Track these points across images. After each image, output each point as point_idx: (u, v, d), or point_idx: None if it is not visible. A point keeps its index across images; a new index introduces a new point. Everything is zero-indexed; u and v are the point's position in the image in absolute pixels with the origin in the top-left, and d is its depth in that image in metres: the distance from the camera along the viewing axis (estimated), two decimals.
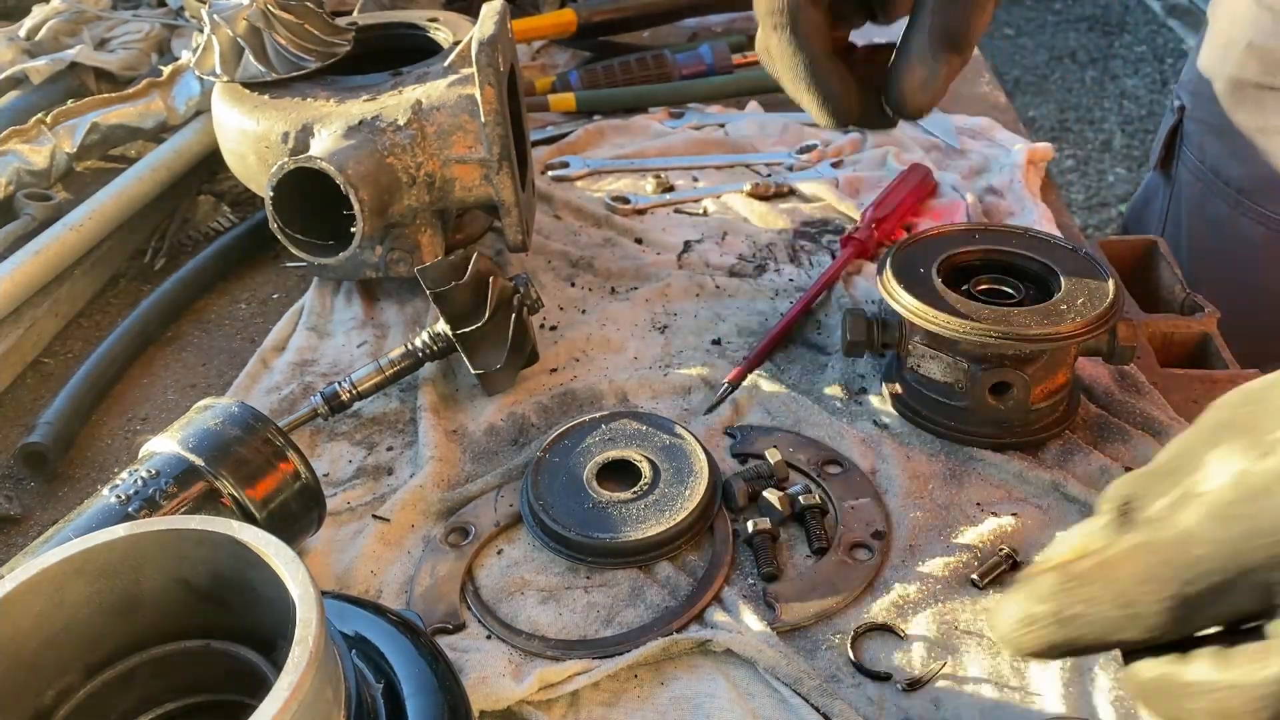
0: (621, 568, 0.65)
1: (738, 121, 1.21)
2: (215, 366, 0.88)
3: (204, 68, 0.88)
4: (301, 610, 0.35)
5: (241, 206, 1.10)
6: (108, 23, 1.40)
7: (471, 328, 0.75)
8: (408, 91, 0.83)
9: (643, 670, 0.60)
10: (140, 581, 0.40)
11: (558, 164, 1.13)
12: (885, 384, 0.77)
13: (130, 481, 0.57)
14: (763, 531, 0.66)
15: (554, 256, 0.97)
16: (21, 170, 1.03)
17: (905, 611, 0.62)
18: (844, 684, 0.58)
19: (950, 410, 0.73)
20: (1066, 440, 0.72)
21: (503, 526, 0.69)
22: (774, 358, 0.83)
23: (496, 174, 0.83)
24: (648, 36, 1.47)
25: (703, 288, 0.92)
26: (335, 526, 0.70)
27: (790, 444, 0.74)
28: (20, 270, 0.88)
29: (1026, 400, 0.70)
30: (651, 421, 0.73)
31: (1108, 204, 3.61)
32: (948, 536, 0.66)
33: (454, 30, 0.96)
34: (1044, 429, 0.72)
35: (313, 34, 0.89)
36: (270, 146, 0.84)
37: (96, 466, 0.78)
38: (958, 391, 0.72)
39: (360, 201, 0.77)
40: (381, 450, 0.77)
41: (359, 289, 0.94)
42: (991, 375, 0.69)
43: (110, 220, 0.98)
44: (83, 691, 0.40)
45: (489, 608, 0.64)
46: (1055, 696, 0.56)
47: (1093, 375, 0.78)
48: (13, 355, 0.86)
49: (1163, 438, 0.72)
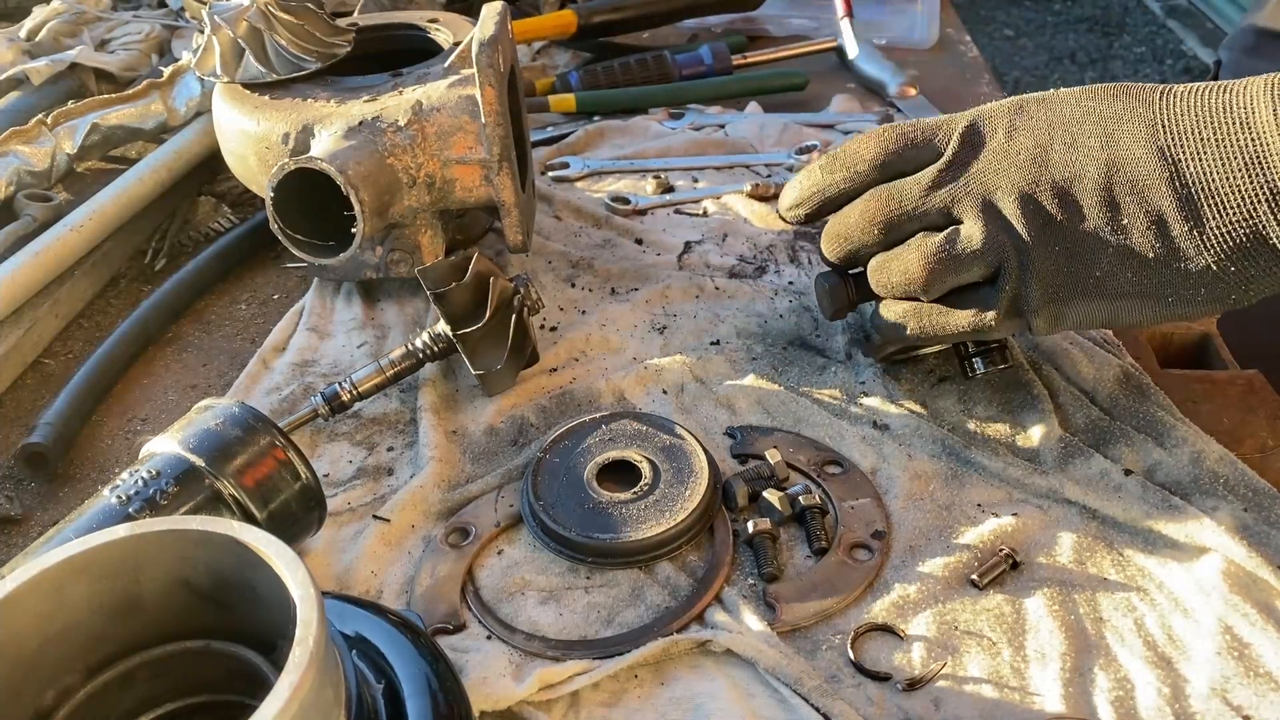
0: (622, 568, 0.65)
1: (737, 122, 1.21)
2: (215, 367, 0.88)
3: (204, 69, 0.88)
4: (302, 611, 0.35)
5: (242, 207, 1.10)
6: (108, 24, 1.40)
7: (472, 328, 0.75)
8: (408, 92, 0.83)
9: (643, 671, 0.60)
10: (141, 582, 0.39)
11: (558, 165, 1.13)
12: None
13: (131, 482, 0.57)
14: (763, 532, 0.66)
15: (554, 257, 0.97)
16: (22, 171, 1.03)
17: (905, 612, 0.62)
18: (844, 684, 0.58)
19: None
20: (1067, 442, 0.73)
21: (503, 527, 0.69)
22: (773, 358, 0.83)
23: (497, 175, 0.83)
24: (648, 37, 1.47)
25: (702, 289, 0.92)
26: (336, 527, 0.70)
27: (790, 444, 0.74)
28: (21, 271, 0.88)
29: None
30: (651, 422, 0.73)
31: None
32: (948, 537, 0.67)
33: (454, 31, 0.96)
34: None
35: (313, 35, 0.89)
36: (271, 147, 0.84)
37: (97, 467, 0.78)
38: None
39: (361, 202, 0.77)
40: (382, 451, 0.77)
41: (359, 289, 0.94)
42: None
43: (111, 221, 0.98)
44: (83, 692, 0.40)
45: (489, 608, 0.64)
46: (1055, 696, 0.56)
47: (1096, 377, 0.78)
48: (13, 356, 0.86)
49: (1166, 440, 0.72)
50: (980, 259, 0.62)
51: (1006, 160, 0.62)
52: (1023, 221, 0.59)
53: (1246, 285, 0.56)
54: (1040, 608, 0.62)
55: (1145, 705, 0.56)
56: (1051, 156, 0.60)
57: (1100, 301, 0.61)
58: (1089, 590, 0.63)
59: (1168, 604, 0.62)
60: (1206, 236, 0.55)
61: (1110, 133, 0.58)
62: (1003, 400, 0.77)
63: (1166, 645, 0.59)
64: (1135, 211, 0.56)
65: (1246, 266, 0.55)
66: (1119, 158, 0.58)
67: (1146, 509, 0.67)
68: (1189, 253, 0.56)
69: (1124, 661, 0.58)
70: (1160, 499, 0.67)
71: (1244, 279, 0.56)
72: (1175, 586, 0.63)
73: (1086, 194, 0.59)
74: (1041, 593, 0.62)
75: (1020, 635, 0.60)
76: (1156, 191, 0.56)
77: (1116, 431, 0.73)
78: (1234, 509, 0.66)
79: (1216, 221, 0.54)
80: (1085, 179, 0.59)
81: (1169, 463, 0.70)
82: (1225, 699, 0.56)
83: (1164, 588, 0.63)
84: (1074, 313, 0.62)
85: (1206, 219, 0.54)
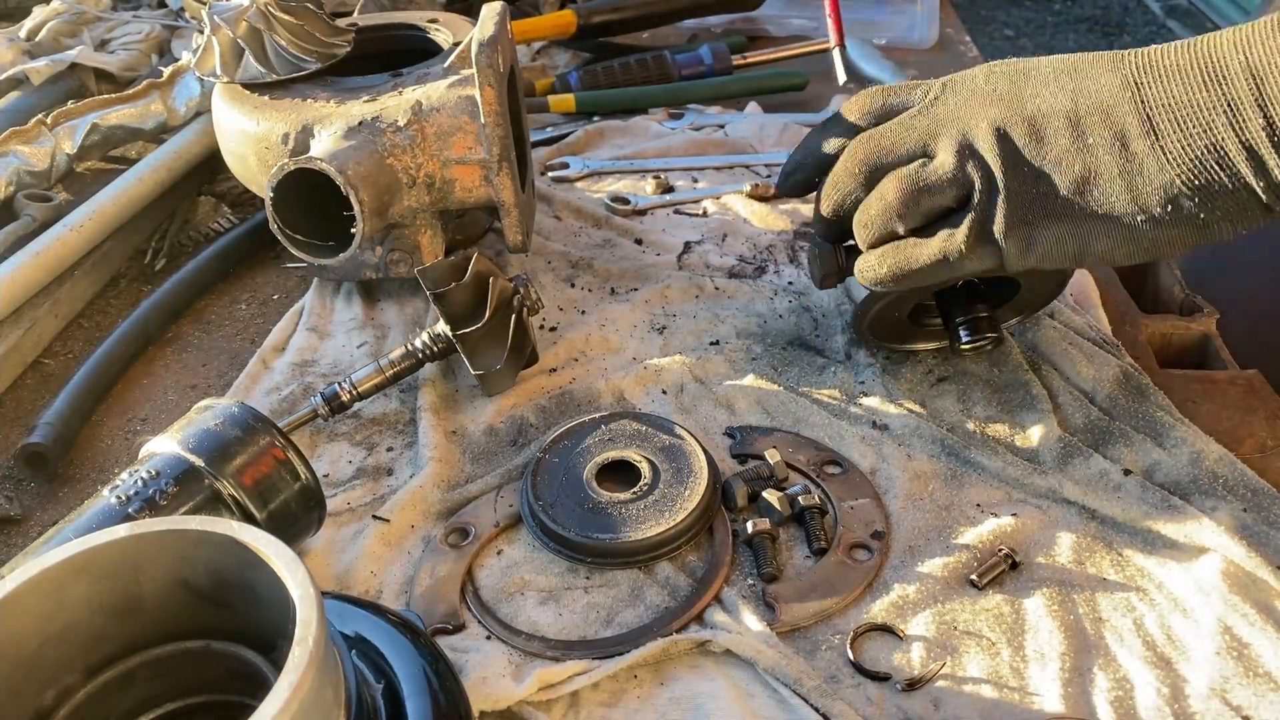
0: (621, 568, 0.65)
1: (737, 122, 1.21)
2: (215, 367, 0.88)
3: (204, 69, 0.88)
4: (302, 610, 0.35)
5: (241, 207, 1.10)
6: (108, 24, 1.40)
7: (471, 328, 0.75)
8: (408, 92, 0.83)
9: (642, 671, 0.60)
10: (140, 582, 0.40)
11: (557, 165, 1.13)
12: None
13: (130, 482, 0.57)
14: (762, 532, 0.66)
15: (554, 257, 0.97)
16: (22, 171, 1.03)
17: (905, 612, 0.62)
18: (843, 684, 0.58)
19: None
20: (1067, 442, 0.73)
21: (503, 527, 0.69)
22: (773, 358, 0.83)
23: (496, 175, 0.83)
24: (647, 37, 1.47)
25: (702, 289, 0.92)
26: (335, 527, 0.70)
27: (790, 444, 0.74)
28: (21, 271, 0.88)
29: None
30: (651, 422, 0.73)
31: None
32: (947, 537, 0.67)
33: (454, 31, 0.96)
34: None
35: (313, 35, 0.89)
36: (270, 147, 0.84)
37: (96, 467, 0.78)
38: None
39: (360, 202, 0.77)
40: (381, 451, 0.77)
41: (359, 290, 0.94)
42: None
43: (110, 221, 0.98)
44: (83, 692, 0.40)
45: (489, 608, 0.64)
46: (1055, 696, 0.56)
47: (1095, 377, 0.78)
48: (13, 356, 0.86)
49: (1165, 440, 0.72)
50: (953, 182, 0.64)
51: (980, 98, 0.65)
52: (994, 150, 0.63)
53: (1211, 204, 0.58)
54: (1039, 608, 0.62)
55: (1145, 705, 0.56)
56: (1024, 94, 0.64)
57: (1069, 225, 0.62)
58: (1088, 590, 0.63)
59: (1167, 604, 0.62)
60: (1168, 150, 0.58)
61: (1079, 69, 0.62)
62: (1002, 400, 0.77)
63: (1166, 645, 0.59)
64: (1100, 131, 0.60)
65: (1208, 182, 0.57)
66: (1086, 86, 0.61)
67: (1146, 509, 0.67)
68: (1151, 168, 0.58)
69: (1123, 661, 0.58)
70: (1160, 499, 0.67)
71: (1207, 197, 0.58)
72: (1174, 586, 0.63)
73: (1055, 122, 0.62)
74: (1041, 593, 0.62)
75: (1019, 635, 0.60)
76: (1120, 110, 0.59)
77: (1116, 431, 0.73)
78: (1233, 509, 0.66)
79: (1176, 136, 0.57)
80: (1055, 112, 0.62)
81: (1168, 463, 0.70)
82: (1225, 699, 0.56)
83: (1163, 588, 0.63)
84: (1043, 237, 0.63)
85: (1166, 134, 0.57)
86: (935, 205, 0.66)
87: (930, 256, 0.66)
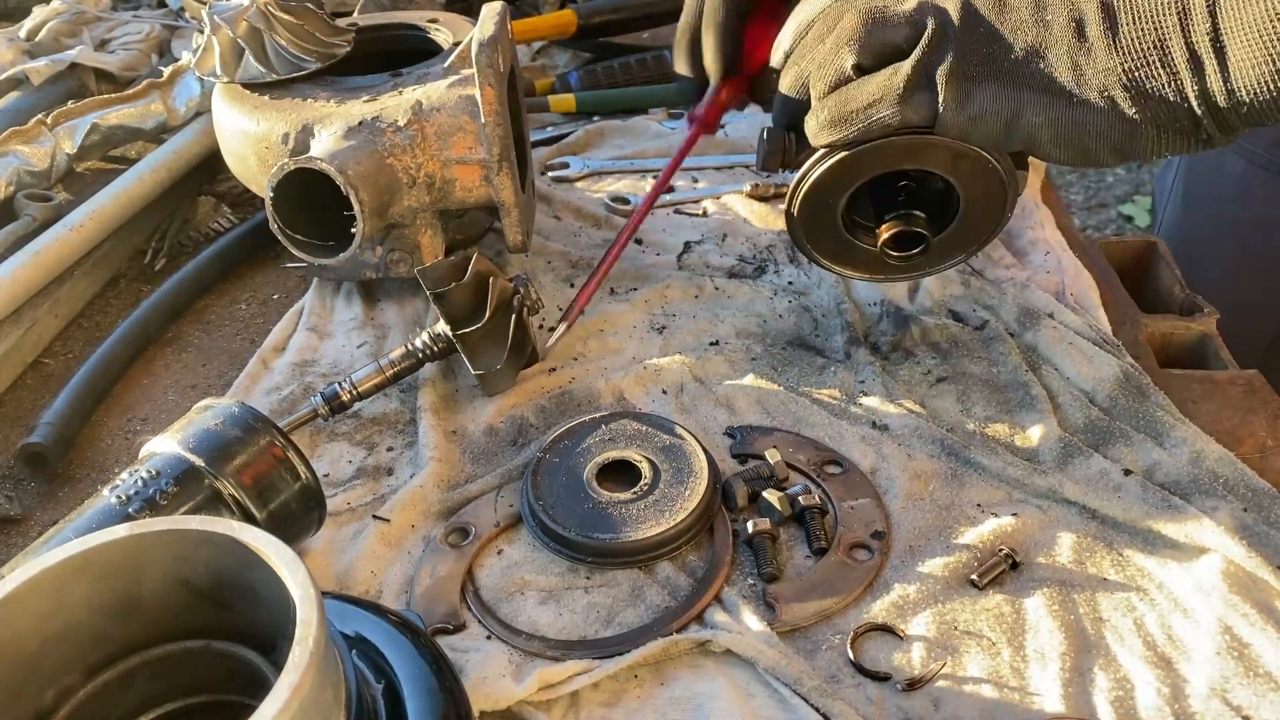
0: (621, 568, 0.65)
1: (737, 122, 1.21)
2: (215, 367, 0.88)
3: (204, 69, 0.88)
4: (302, 610, 0.35)
5: (241, 207, 1.10)
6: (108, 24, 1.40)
7: (471, 328, 0.75)
8: (408, 92, 0.83)
9: (643, 671, 0.60)
10: (141, 582, 0.40)
11: (557, 165, 1.13)
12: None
13: (130, 482, 0.57)
14: (763, 532, 0.66)
15: (554, 257, 0.97)
16: (22, 171, 1.03)
17: (905, 612, 0.62)
18: (844, 684, 0.58)
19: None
20: (1067, 442, 0.73)
21: (503, 527, 0.69)
22: (773, 358, 0.83)
23: (496, 175, 0.83)
24: (648, 37, 1.47)
25: (702, 289, 0.92)
26: (335, 527, 0.70)
27: (790, 444, 0.74)
28: (21, 271, 0.88)
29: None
30: (651, 422, 0.73)
31: (1106, 205, 3.60)
32: (948, 537, 0.67)
33: (454, 31, 0.96)
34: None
35: (313, 35, 0.89)
36: (270, 147, 0.84)
37: (96, 467, 0.78)
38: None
39: (360, 202, 0.77)
40: (381, 451, 0.77)
41: (359, 289, 0.94)
42: None
43: (110, 221, 0.98)
44: (83, 691, 0.40)
45: (489, 608, 0.64)
46: (1055, 696, 0.56)
47: (1095, 377, 0.78)
48: (13, 356, 0.86)
49: (1165, 440, 0.72)
50: (909, 21, 0.66)
51: None
52: (957, 6, 0.65)
53: (1145, 102, 0.61)
54: (1040, 608, 0.61)
55: (1145, 705, 0.56)
56: None
57: (1009, 90, 0.64)
58: (1089, 590, 0.63)
59: (1167, 604, 0.62)
60: (1119, 39, 0.60)
61: None
62: (1002, 400, 0.77)
63: (1166, 645, 0.59)
64: (1060, 11, 0.63)
65: (1147, 77, 0.60)
66: None
67: (1146, 509, 0.67)
68: (1099, 52, 0.61)
69: (1124, 661, 0.58)
70: (1160, 499, 0.67)
71: (1142, 95, 0.61)
72: (1175, 586, 0.63)
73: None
74: (1041, 593, 0.62)
75: (1020, 635, 0.60)
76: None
77: (1116, 431, 0.73)
78: (1234, 509, 0.66)
79: (1129, 27, 0.60)
80: None
81: (1168, 463, 0.70)
82: (1225, 699, 0.56)
83: (1164, 588, 0.63)
84: (981, 95, 0.65)
85: (1121, 24, 0.60)
86: (888, 40, 0.66)
87: (870, 95, 0.67)
